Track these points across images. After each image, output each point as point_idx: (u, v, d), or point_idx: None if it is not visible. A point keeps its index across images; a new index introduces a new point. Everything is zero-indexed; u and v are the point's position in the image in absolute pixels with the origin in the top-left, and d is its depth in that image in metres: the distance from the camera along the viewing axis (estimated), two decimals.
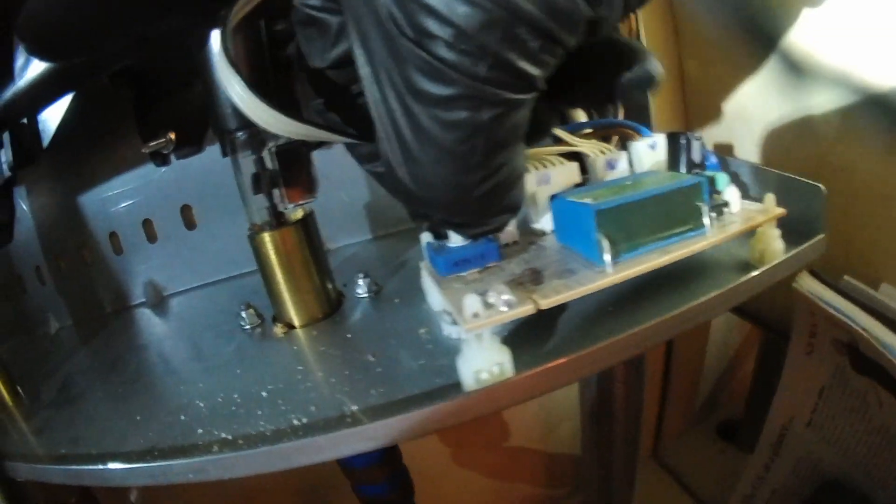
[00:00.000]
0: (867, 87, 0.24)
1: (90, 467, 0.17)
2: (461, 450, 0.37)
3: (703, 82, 0.30)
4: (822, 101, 0.26)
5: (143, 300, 0.30)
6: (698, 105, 0.31)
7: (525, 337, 0.18)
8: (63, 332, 0.30)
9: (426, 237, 0.19)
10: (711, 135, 0.31)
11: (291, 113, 0.16)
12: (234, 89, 0.16)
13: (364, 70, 0.14)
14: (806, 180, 0.22)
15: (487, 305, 0.15)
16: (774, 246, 0.20)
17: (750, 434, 0.31)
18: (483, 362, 0.15)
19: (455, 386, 0.16)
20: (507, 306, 0.15)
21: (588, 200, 0.17)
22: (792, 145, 0.28)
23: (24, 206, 0.30)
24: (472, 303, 0.15)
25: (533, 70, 0.13)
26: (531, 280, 0.17)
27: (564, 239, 0.19)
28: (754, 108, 0.29)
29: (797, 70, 0.26)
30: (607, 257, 0.17)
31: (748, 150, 0.30)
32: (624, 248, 0.17)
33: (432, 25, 0.12)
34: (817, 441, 0.29)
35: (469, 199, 0.15)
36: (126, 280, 0.29)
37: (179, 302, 0.29)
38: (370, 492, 0.25)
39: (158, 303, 0.29)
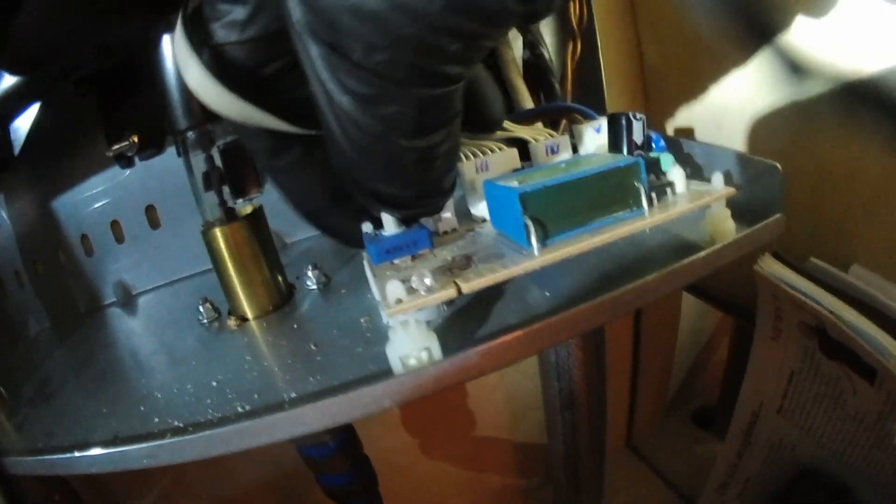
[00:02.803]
0: (830, 69, 0.23)
1: (60, 457, 0.18)
2: (429, 441, 0.37)
3: (664, 68, 0.30)
4: (787, 84, 0.25)
5: (114, 300, 0.30)
6: (658, 91, 0.31)
7: (459, 322, 0.18)
8: (42, 334, 0.31)
9: (365, 227, 0.20)
10: (672, 120, 0.31)
11: (243, 95, 0.16)
12: (189, 72, 0.16)
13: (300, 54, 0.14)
14: (762, 159, 0.22)
15: (410, 291, 0.16)
16: (725, 226, 0.20)
17: (725, 421, 0.31)
18: (409, 348, 0.16)
19: (388, 371, 0.16)
20: (429, 291, 0.16)
21: (514, 184, 0.17)
22: (756, 127, 0.28)
23: (3, 213, 0.31)
24: (394, 288, 0.15)
25: (455, 70, 0.13)
26: (461, 266, 0.17)
27: (498, 224, 0.19)
28: (716, 92, 0.29)
29: (767, 55, 0.26)
30: (534, 240, 0.17)
31: (711, 134, 0.29)
32: (554, 231, 0.17)
33: (344, 40, 0.12)
34: (790, 428, 0.28)
35: (405, 182, 0.15)
36: (98, 281, 0.30)
37: (147, 300, 0.30)
38: (332, 482, 0.26)
39: (127, 302, 0.30)
